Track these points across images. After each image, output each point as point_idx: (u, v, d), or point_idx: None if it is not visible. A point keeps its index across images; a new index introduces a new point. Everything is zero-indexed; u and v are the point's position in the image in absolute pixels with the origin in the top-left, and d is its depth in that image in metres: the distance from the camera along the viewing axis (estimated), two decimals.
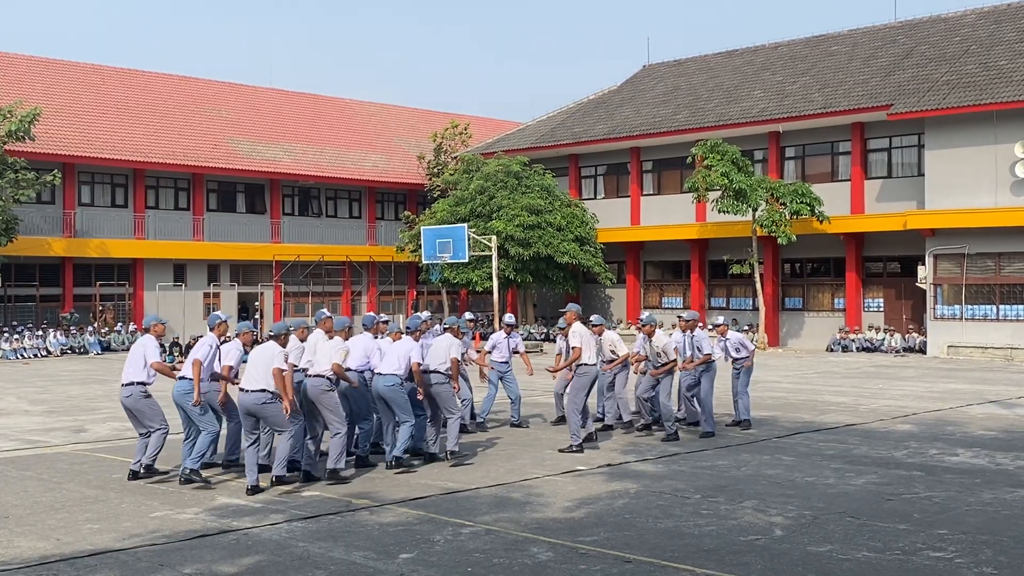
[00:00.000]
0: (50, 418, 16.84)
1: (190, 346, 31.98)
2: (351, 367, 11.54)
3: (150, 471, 10.92)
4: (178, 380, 10.90)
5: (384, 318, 13.26)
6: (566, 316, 13.28)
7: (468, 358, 14.54)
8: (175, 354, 31.52)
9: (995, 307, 30.28)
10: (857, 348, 32.71)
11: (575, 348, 12.86)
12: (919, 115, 30.81)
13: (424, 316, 13.22)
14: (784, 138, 35.62)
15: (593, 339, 13.41)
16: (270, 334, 11.06)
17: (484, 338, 19.83)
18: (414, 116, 52.26)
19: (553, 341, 28.41)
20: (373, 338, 12.41)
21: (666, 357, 13.96)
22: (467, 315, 16.52)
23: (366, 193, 45.89)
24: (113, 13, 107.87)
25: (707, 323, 25.41)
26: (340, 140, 46.48)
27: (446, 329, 12.57)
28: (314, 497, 10.15)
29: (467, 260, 34.73)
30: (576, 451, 12.65)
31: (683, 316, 14.70)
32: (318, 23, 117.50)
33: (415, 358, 11.59)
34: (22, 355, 32.00)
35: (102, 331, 35.77)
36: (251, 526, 8.93)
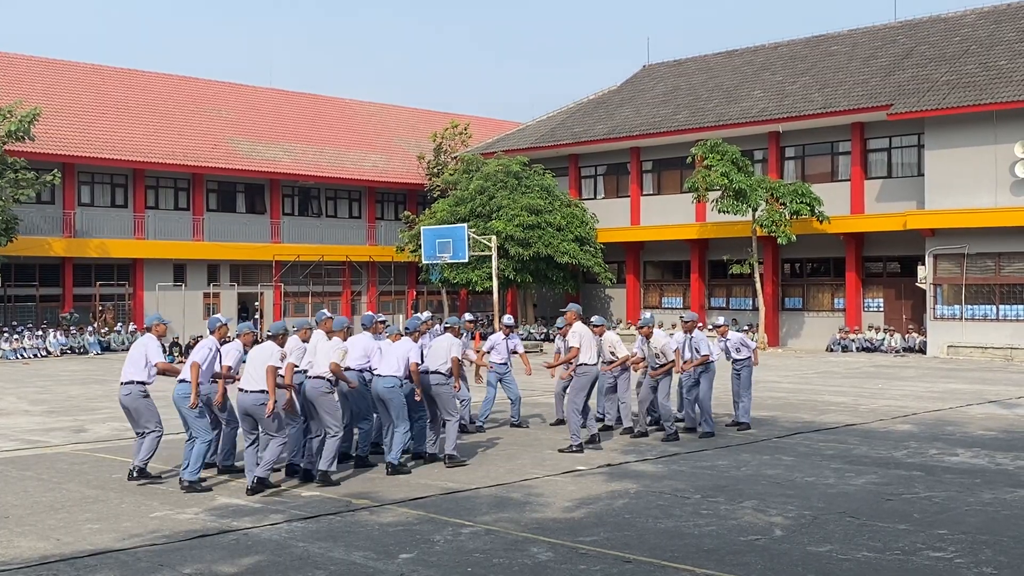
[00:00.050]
0: (50, 418, 16.85)
1: (190, 346, 31.98)
2: (351, 367, 11.54)
3: (143, 474, 10.90)
4: (177, 383, 10.91)
5: (381, 318, 13.23)
6: (567, 316, 13.27)
7: (466, 357, 14.53)
8: (175, 354, 31.49)
9: (995, 307, 30.28)
10: (857, 348, 32.71)
11: (572, 347, 12.86)
12: (919, 115, 30.82)
13: (425, 317, 13.20)
14: (784, 138, 35.62)
15: (594, 339, 13.39)
16: (268, 334, 11.05)
17: (484, 338, 19.81)
18: (414, 116, 52.25)
19: (552, 341, 28.40)
20: (373, 337, 12.39)
21: (664, 358, 13.96)
22: (467, 316, 16.48)
23: (366, 193, 45.89)
24: (113, 13, 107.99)
25: (707, 323, 25.45)
26: (340, 140, 46.48)
27: (447, 329, 12.57)
28: (314, 497, 10.15)
29: (467, 260, 34.73)
30: (576, 451, 12.65)
31: (683, 317, 14.72)
32: (318, 23, 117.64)
33: (413, 359, 11.58)
34: (22, 355, 32.01)
35: (102, 331, 35.78)
36: (251, 526, 8.93)
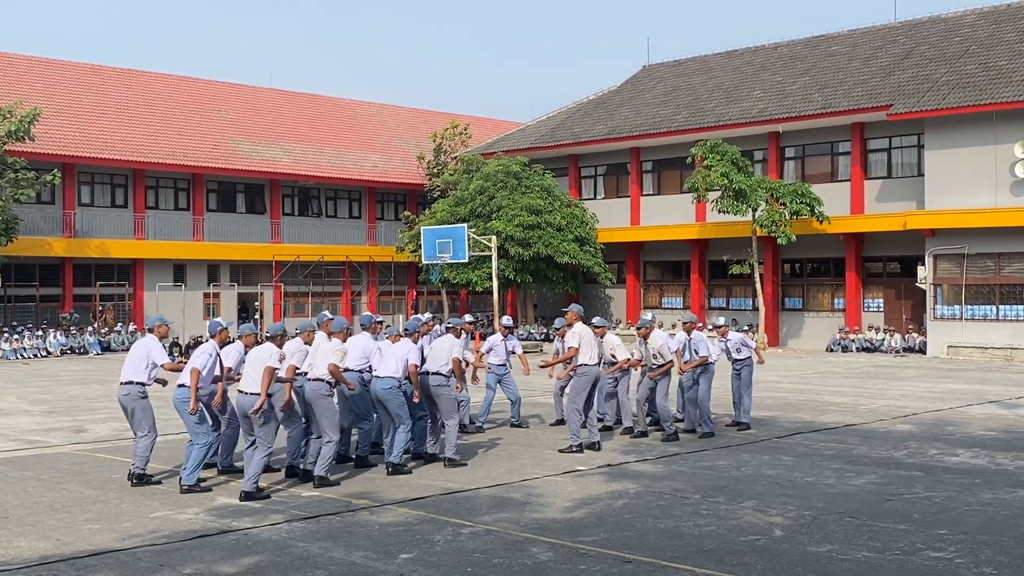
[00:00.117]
0: (50, 418, 16.85)
1: (190, 346, 32.04)
2: (350, 368, 11.53)
3: (142, 479, 10.86)
4: (177, 387, 10.91)
5: (379, 318, 13.22)
6: (568, 316, 13.26)
7: (464, 358, 14.51)
8: (175, 354, 31.51)
9: (995, 307, 30.29)
10: (857, 348, 32.71)
11: (571, 347, 12.86)
12: (919, 115, 30.82)
13: (425, 318, 13.21)
14: (784, 138, 35.62)
15: (594, 340, 13.37)
16: (267, 335, 11.04)
17: (484, 339, 19.77)
18: (414, 116, 52.25)
19: (552, 342, 28.40)
20: (372, 338, 12.38)
21: (662, 359, 13.96)
22: (467, 317, 16.50)
23: (366, 193, 45.89)
24: (113, 13, 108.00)
25: (707, 324, 25.43)
26: (340, 140, 46.48)
27: (448, 329, 12.57)
28: (314, 497, 10.15)
29: (467, 260, 34.72)
30: (576, 451, 12.65)
31: (683, 318, 14.77)
32: (318, 23, 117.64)
33: (413, 361, 11.57)
34: (22, 355, 32.01)
35: (102, 331, 35.78)
36: (251, 526, 8.93)
